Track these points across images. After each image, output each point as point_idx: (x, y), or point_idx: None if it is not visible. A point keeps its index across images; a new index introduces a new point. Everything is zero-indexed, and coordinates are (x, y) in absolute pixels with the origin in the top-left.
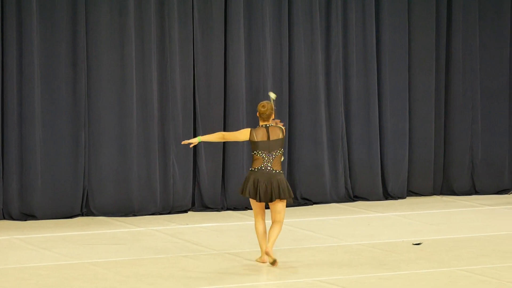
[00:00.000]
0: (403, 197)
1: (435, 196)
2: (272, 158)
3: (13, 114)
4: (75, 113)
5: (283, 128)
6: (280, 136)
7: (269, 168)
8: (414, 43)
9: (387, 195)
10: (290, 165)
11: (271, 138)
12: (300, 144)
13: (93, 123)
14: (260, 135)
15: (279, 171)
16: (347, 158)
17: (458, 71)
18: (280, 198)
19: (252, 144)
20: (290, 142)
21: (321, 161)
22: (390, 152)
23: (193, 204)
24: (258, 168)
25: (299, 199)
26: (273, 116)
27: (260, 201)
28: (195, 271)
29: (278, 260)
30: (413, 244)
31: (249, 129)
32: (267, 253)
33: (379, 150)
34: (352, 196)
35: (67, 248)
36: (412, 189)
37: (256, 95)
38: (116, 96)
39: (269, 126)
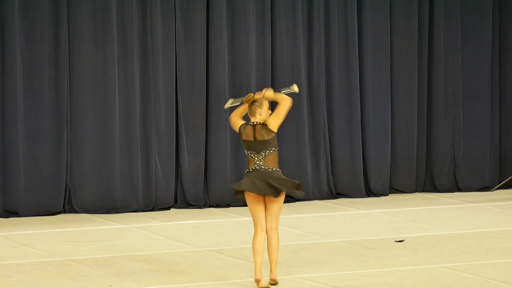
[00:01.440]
0: (385, 194)
1: (417, 193)
2: (263, 158)
3: None
4: (58, 111)
5: (268, 124)
6: (265, 137)
7: (263, 167)
8: (396, 41)
9: (369, 192)
10: None
11: (257, 139)
12: (282, 141)
13: (75, 120)
14: (246, 134)
15: (277, 169)
16: (329, 155)
17: (440, 69)
18: (282, 190)
19: (241, 141)
20: None
21: (303, 158)
22: (372, 150)
23: (175, 201)
24: (252, 168)
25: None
26: (266, 106)
27: (257, 191)
28: (178, 268)
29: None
30: (396, 241)
31: (242, 123)
32: (273, 280)
33: (361, 147)
34: (334, 193)
35: (50, 245)
36: (394, 186)
37: (240, 92)
38: (98, 94)
39: (256, 124)
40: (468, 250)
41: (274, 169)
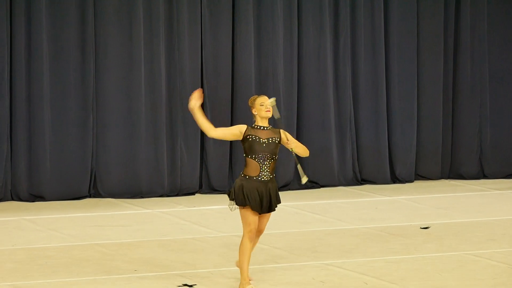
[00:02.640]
0: (411, 181)
1: (443, 180)
2: (270, 164)
3: (22, 96)
4: (83, 96)
5: (283, 136)
6: (276, 141)
7: (268, 176)
8: (422, 26)
9: (395, 179)
10: None
11: (270, 141)
12: (308, 127)
13: (101, 105)
14: (262, 135)
15: (274, 176)
16: (355, 141)
17: (466, 54)
18: (275, 208)
19: (246, 144)
20: (298, 125)
21: (329, 144)
22: (398, 136)
23: (200, 186)
24: (257, 177)
25: (306, 182)
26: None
27: (260, 212)
28: (203, 253)
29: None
30: (421, 228)
31: (245, 125)
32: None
33: (387, 133)
34: (359, 179)
35: (75, 229)
36: (420, 172)
37: (265, 78)
38: (124, 79)
39: (268, 128)
40: (494, 237)
41: (273, 176)
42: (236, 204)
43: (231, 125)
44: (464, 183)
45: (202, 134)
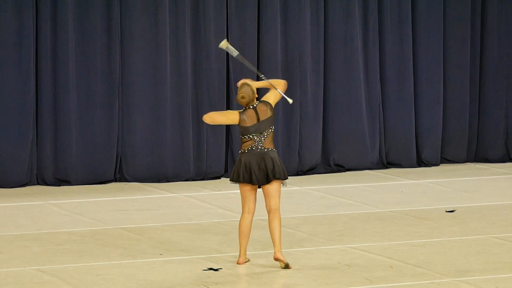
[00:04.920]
0: (436, 164)
1: (468, 163)
2: (264, 138)
3: (48, 80)
4: (109, 80)
5: (268, 99)
6: (269, 114)
7: (260, 148)
8: (449, 10)
9: (420, 162)
10: (324, 131)
11: (261, 119)
12: (334, 110)
13: (127, 89)
14: (250, 119)
15: (272, 149)
16: (383, 125)
17: (493, 38)
18: (276, 177)
19: (241, 129)
20: (325, 108)
21: (357, 128)
22: (424, 119)
23: (226, 170)
24: (248, 149)
25: (332, 166)
26: (255, 96)
27: (255, 183)
28: (228, 237)
29: (290, 264)
30: (446, 212)
31: (237, 112)
32: (277, 259)
33: (413, 117)
34: (385, 163)
35: (101, 213)
36: (445, 156)
37: (292, 62)
38: (150, 63)
39: (256, 105)
40: None
41: (270, 149)
42: (231, 181)
43: None
44: (489, 167)
45: None
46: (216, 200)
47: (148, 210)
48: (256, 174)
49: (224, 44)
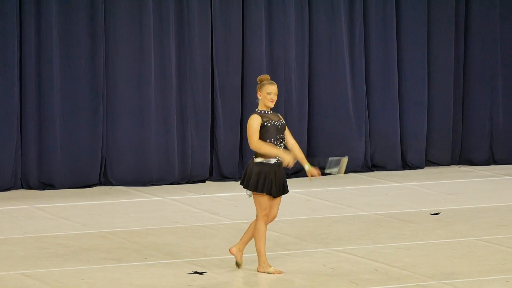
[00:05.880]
0: (421, 167)
1: (453, 166)
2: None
3: (32, 84)
4: (94, 83)
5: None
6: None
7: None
8: (433, 13)
9: (405, 165)
10: (309, 134)
11: (282, 121)
12: (319, 113)
13: (111, 92)
14: (273, 118)
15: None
16: (368, 128)
17: (477, 40)
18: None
19: (269, 130)
20: (310, 111)
21: (342, 131)
22: (409, 122)
23: (211, 173)
24: (276, 162)
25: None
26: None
27: (277, 195)
28: (213, 240)
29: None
30: (431, 214)
31: (260, 119)
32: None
33: (398, 119)
34: (370, 166)
35: (85, 217)
36: (430, 158)
37: (277, 65)
38: (134, 66)
39: (272, 111)
40: (504, 223)
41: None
42: (252, 190)
43: (241, 112)
44: (474, 169)
45: (213, 121)
46: (201, 203)
47: (133, 214)
48: (277, 188)
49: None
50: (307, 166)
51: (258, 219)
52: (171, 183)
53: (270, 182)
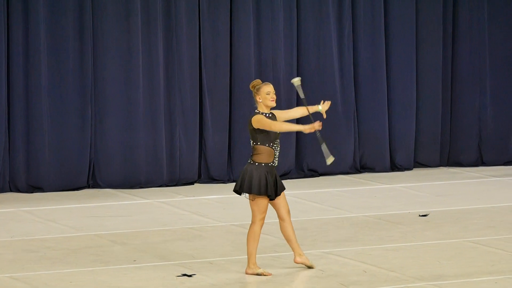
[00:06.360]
0: (410, 169)
1: (442, 167)
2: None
3: (20, 86)
4: (82, 85)
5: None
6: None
7: (277, 162)
8: (421, 15)
9: (394, 167)
10: (297, 136)
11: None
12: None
13: (99, 95)
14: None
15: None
16: (357, 130)
17: (465, 42)
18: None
19: (269, 135)
20: None
21: (331, 133)
22: (397, 124)
23: (199, 176)
24: (272, 163)
25: (305, 171)
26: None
27: (277, 196)
28: (202, 243)
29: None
30: (420, 216)
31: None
32: (302, 259)
33: (387, 121)
34: (359, 167)
35: (74, 220)
36: (419, 160)
37: (265, 67)
38: (122, 68)
39: (272, 113)
40: (493, 224)
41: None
42: (255, 193)
43: (230, 114)
44: (462, 171)
45: (201, 123)
46: (190, 206)
47: (121, 217)
48: (274, 189)
49: (297, 81)
50: (319, 106)
51: (255, 222)
52: (160, 186)
53: (271, 184)
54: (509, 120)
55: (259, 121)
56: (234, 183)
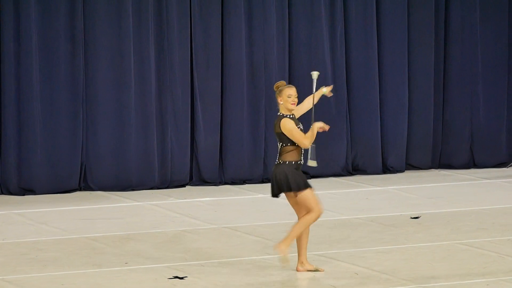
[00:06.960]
0: (402, 171)
1: (433, 169)
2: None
3: (11, 89)
4: (73, 88)
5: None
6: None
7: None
8: (413, 16)
9: (385, 169)
10: None
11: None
12: (300, 117)
13: (91, 97)
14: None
15: (278, 162)
16: (349, 131)
17: (457, 45)
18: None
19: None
20: None
21: (323, 135)
22: (389, 126)
23: (191, 178)
24: (300, 162)
25: None
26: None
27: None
28: (194, 245)
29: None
30: (412, 218)
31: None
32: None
33: (379, 123)
34: (351, 169)
35: (65, 222)
36: (410, 162)
37: (257, 69)
38: (114, 71)
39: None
40: (484, 227)
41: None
42: (297, 190)
43: (221, 116)
44: (454, 173)
45: (192, 125)
46: (181, 208)
47: (113, 219)
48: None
49: (315, 75)
50: (323, 89)
51: (315, 211)
52: (151, 188)
53: (304, 177)
54: (500, 123)
55: (290, 131)
56: (226, 185)
